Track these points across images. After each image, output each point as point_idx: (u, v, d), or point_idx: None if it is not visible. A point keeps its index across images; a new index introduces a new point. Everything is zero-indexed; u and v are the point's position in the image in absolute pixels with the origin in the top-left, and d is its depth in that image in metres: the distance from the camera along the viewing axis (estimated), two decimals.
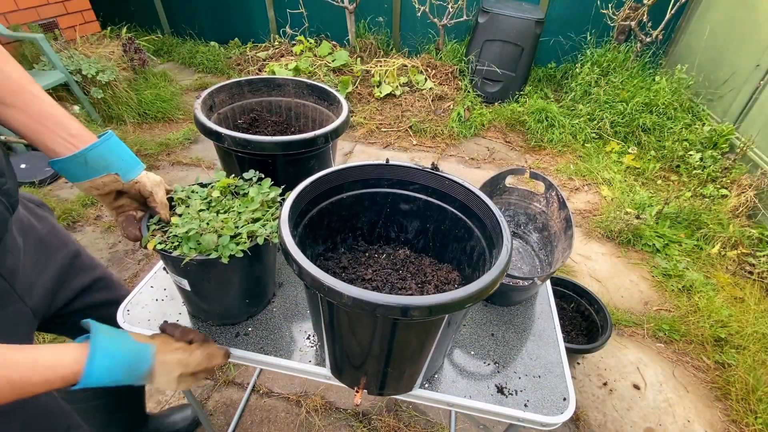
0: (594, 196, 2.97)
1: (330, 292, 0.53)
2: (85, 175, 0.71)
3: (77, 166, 0.70)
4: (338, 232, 0.88)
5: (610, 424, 1.65)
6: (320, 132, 0.93)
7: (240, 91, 1.15)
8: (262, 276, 0.88)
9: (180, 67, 4.68)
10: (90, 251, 2.21)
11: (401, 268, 0.86)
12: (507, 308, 1.02)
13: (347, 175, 0.81)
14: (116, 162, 0.73)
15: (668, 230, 2.58)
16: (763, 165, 2.75)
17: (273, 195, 0.84)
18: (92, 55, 3.35)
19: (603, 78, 3.70)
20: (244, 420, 1.58)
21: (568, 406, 0.80)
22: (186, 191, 0.85)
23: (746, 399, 1.72)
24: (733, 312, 2.07)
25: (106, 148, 0.72)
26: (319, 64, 3.98)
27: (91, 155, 0.69)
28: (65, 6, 3.76)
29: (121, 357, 0.63)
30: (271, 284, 0.97)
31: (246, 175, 0.89)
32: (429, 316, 0.53)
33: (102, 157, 0.71)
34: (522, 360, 0.89)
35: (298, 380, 1.73)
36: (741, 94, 3.11)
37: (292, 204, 0.69)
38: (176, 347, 0.71)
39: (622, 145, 3.38)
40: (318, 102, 1.19)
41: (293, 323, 0.92)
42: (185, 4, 4.85)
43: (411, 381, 0.78)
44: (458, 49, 4.13)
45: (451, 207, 0.82)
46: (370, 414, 1.63)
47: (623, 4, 3.71)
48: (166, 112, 3.60)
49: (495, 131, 3.76)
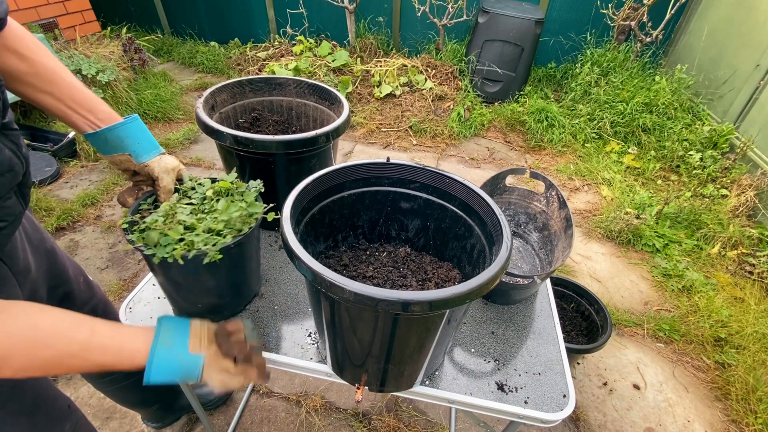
0: (594, 196, 2.97)
1: (332, 288, 0.53)
2: (106, 150, 0.81)
3: (100, 142, 0.80)
4: (339, 231, 0.89)
5: (610, 424, 1.65)
6: (321, 131, 0.93)
7: (241, 91, 1.16)
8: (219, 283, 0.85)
9: (180, 67, 4.68)
10: (90, 251, 2.24)
11: (402, 266, 0.86)
12: (507, 306, 1.02)
13: (348, 174, 0.81)
14: (131, 144, 0.81)
15: (668, 230, 2.58)
16: (763, 165, 2.76)
17: (253, 211, 0.81)
18: (92, 55, 3.36)
19: (603, 78, 3.70)
20: (244, 420, 1.58)
21: (568, 403, 0.80)
22: (193, 182, 0.86)
23: (746, 399, 1.72)
24: (733, 312, 2.08)
25: (124, 130, 0.80)
26: (319, 64, 3.98)
27: (109, 135, 0.79)
28: (65, 6, 3.76)
29: (172, 371, 0.68)
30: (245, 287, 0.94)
31: (251, 183, 0.87)
32: (430, 311, 0.53)
33: (119, 137, 0.80)
34: (522, 357, 0.89)
35: (298, 380, 1.73)
36: (741, 94, 3.11)
37: (294, 201, 0.69)
38: (222, 368, 0.73)
39: (622, 145, 3.39)
40: (319, 101, 1.19)
41: (294, 321, 0.92)
42: (185, 4, 4.85)
43: (412, 378, 0.78)
44: (458, 49, 4.14)
45: (452, 205, 0.82)
46: (370, 414, 1.63)
47: (623, 4, 3.72)
48: (166, 112, 3.60)
49: (495, 131, 3.76)
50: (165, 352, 0.67)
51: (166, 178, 0.84)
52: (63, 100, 0.76)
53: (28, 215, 0.91)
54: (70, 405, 0.94)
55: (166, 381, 0.68)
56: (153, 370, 0.65)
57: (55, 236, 2.33)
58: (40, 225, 0.95)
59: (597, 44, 4.01)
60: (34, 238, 0.88)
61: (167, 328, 0.70)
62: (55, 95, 0.75)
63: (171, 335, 0.69)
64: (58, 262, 0.94)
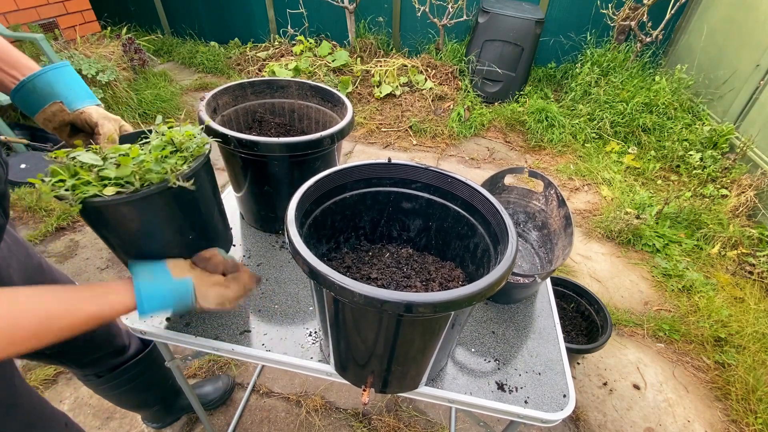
0: (594, 196, 2.98)
1: (342, 291, 0.53)
2: (36, 104, 0.72)
3: (28, 95, 0.72)
4: (341, 232, 0.89)
5: (610, 424, 1.65)
6: (326, 133, 0.93)
7: (243, 93, 1.16)
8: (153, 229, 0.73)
9: (180, 67, 4.68)
10: (90, 251, 2.24)
11: (405, 267, 0.87)
12: (507, 306, 1.02)
13: (350, 175, 0.81)
14: (63, 91, 0.73)
15: (668, 230, 2.59)
16: (763, 165, 2.76)
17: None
18: (92, 55, 3.36)
19: (603, 78, 3.71)
20: (244, 420, 1.59)
21: (568, 402, 0.80)
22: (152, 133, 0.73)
23: (746, 399, 1.72)
24: (733, 312, 2.08)
25: (53, 75, 0.73)
26: (319, 64, 3.98)
27: (38, 82, 0.71)
28: (65, 6, 3.76)
29: (163, 298, 0.67)
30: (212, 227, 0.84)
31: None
32: (435, 312, 0.54)
33: (49, 84, 0.72)
34: (522, 357, 0.89)
35: (298, 380, 1.73)
36: (741, 94, 3.12)
37: (297, 203, 0.69)
38: (213, 282, 0.73)
39: (622, 145, 3.39)
40: (321, 103, 1.19)
41: (294, 320, 0.93)
42: (185, 4, 4.85)
43: (416, 379, 0.78)
44: (458, 49, 4.14)
45: (454, 205, 0.82)
46: (370, 414, 1.64)
47: (623, 4, 3.72)
48: (166, 112, 3.60)
49: (495, 131, 3.76)
50: (149, 284, 0.66)
51: (107, 125, 0.75)
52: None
53: (11, 232, 0.86)
54: (68, 423, 0.94)
55: (161, 308, 0.67)
56: (144, 300, 0.65)
57: (55, 236, 2.33)
58: (27, 241, 0.92)
59: (597, 44, 4.02)
60: (19, 255, 0.85)
61: (143, 269, 0.69)
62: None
63: (149, 270, 0.69)
64: (46, 279, 0.92)
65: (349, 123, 1.00)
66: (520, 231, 1.20)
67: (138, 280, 0.66)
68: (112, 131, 0.76)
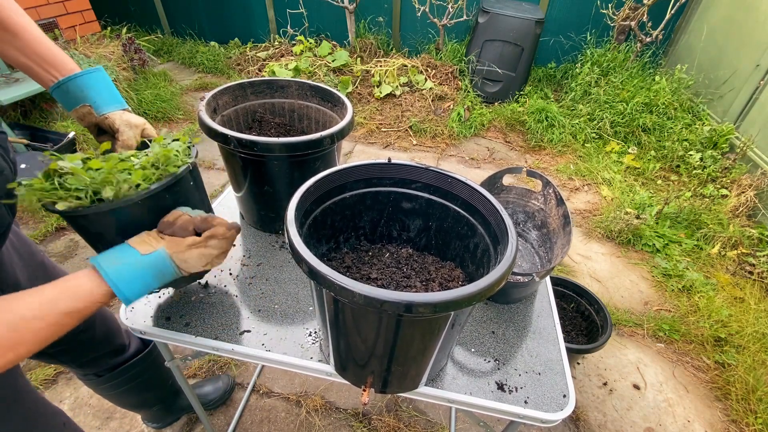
0: (594, 196, 2.98)
1: (342, 291, 0.53)
2: (69, 104, 0.78)
3: (62, 95, 0.78)
4: (341, 232, 0.89)
5: (610, 424, 1.65)
6: (326, 133, 0.93)
7: (243, 93, 1.16)
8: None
9: (180, 67, 4.68)
10: (90, 251, 2.23)
11: (405, 267, 0.87)
12: (507, 306, 1.02)
13: (350, 175, 0.81)
14: (93, 95, 0.78)
15: (668, 230, 2.59)
16: (763, 165, 2.76)
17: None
18: (92, 55, 3.36)
19: (603, 78, 3.71)
20: (244, 420, 1.59)
21: (568, 402, 0.80)
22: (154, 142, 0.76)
23: (746, 399, 1.72)
24: (733, 312, 2.08)
25: (85, 80, 0.77)
26: (319, 64, 3.99)
27: (71, 85, 0.77)
28: (65, 6, 3.76)
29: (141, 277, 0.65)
30: None
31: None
32: (435, 312, 0.54)
33: (80, 88, 0.77)
34: (522, 357, 0.89)
35: (298, 380, 1.73)
36: (741, 94, 3.12)
37: (297, 203, 0.69)
38: (188, 244, 0.70)
39: (622, 145, 3.39)
40: (321, 103, 1.19)
41: (294, 320, 0.93)
42: (185, 4, 4.85)
43: (416, 380, 0.78)
44: (458, 49, 4.14)
45: (454, 205, 0.82)
46: (370, 414, 1.64)
47: (623, 4, 3.72)
48: (166, 112, 3.60)
49: (495, 131, 3.76)
50: (117, 267, 0.63)
51: (127, 132, 0.79)
52: (27, 54, 0.75)
53: (15, 230, 0.88)
54: (66, 422, 0.94)
55: (144, 289, 0.65)
56: (120, 286, 0.62)
57: (55, 236, 2.33)
58: (30, 239, 0.92)
59: (597, 44, 4.02)
60: (24, 253, 0.86)
61: (104, 257, 0.65)
62: (20, 48, 0.75)
63: (112, 255, 0.65)
64: (49, 277, 0.92)
65: (349, 123, 1.00)
66: (520, 230, 1.20)
67: (103, 267, 0.63)
68: (131, 138, 0.80)
